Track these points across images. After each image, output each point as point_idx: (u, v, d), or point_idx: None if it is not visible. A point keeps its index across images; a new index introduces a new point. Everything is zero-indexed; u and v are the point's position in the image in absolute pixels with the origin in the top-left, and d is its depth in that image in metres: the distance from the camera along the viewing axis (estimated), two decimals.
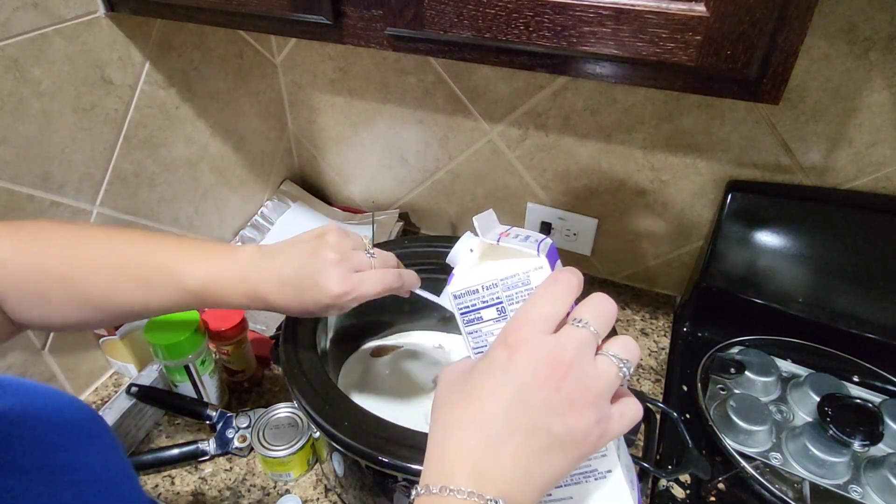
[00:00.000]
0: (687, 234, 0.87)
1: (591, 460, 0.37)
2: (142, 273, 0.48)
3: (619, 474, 0.37)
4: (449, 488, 0.31)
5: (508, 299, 0.38)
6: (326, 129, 1.03)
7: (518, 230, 0.40)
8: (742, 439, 0.65)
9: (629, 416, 0.34)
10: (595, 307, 0.34)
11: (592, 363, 0.32)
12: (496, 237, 0.39)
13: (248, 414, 0.72)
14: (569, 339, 0.32)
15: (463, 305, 0.39)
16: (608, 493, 0.38)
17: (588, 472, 0.38)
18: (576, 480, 0.38)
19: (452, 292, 0.39)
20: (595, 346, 0.33)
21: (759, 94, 0.42)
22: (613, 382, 0.33)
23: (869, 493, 0.60)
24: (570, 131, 0.84)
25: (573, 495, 0.38)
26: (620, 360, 0.33)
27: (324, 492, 0.68)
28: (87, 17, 0.66)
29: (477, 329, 0.39)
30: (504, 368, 0.33)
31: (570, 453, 0.32)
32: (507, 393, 0.32)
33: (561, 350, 0.32)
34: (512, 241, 0.38)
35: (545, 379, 0.31)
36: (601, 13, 0.41)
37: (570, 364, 0.32)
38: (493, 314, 0.38)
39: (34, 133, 0.64)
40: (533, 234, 0.40)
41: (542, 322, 0.33)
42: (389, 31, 0.51)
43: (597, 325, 0.33)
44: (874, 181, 0.71)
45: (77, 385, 0.77)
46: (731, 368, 0.73)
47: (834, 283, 0.73)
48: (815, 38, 0.64)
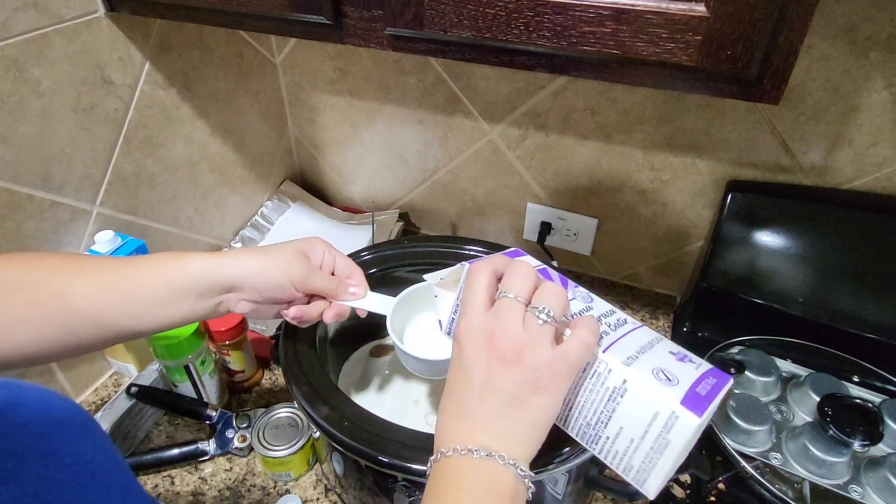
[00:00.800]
0: (687, 234, 0.87)
1: (605, 383, 0.39)
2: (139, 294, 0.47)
3: (635, 379, 0.38)
4: (441, 451, 0.39)
5: None
6: (326, 129, 1.03)
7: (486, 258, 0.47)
8: (742, 439, 0.65)
9: (577, 342, 0.38)
10: (511, 276, 0.40)
11: (519, 323, 0.38)
12: (440, 275, 0.49)
13: (248, 414, 0.72)
14: (495, 311, 0.39)
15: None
16: (640, 400, 0.38)
17: (612, 395, 0.39)
18: (611, 409, 0.40)
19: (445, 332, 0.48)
20: (521, 308, 0.39)
21: (759, 94, 0.42)
22: (539, 330, 0.38)
23: (869, 493, 0.60)
24: (570, 131, 0.84)
25: (621, 424, 0.39)
26: (538, 310, 0.38)
27: (324, 492, 0.68)
28: (87, 17, 0.66)
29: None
30: (458, 358, 0.40)
31: (529, 402, 0.38)
32: (463, 374, 0.40)
33: (491, 322, 0.39)
34: (447, 270, 0.48)
35: (483, 350, 0.39)
36: (601, 13, 0.41)
37: (499, 331, 0.38)
38: None
39: (34, 133, 0.64)
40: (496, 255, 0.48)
41: (470, 309, 0.40)
42: (389, 31, 0.51)
43: (517, 290, 0.39)
44: (874, 181, 0.71)
45: (77, 385, 0.77)
46: (731, 368, 0.73)
47: (834, 283, 0.73)
48: (815, 38, 0.64)
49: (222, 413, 0.72)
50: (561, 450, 0.48)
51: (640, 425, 0.38)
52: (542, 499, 0.54)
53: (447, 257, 0.70)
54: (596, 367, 0.40)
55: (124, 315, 0.47)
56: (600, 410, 0.40)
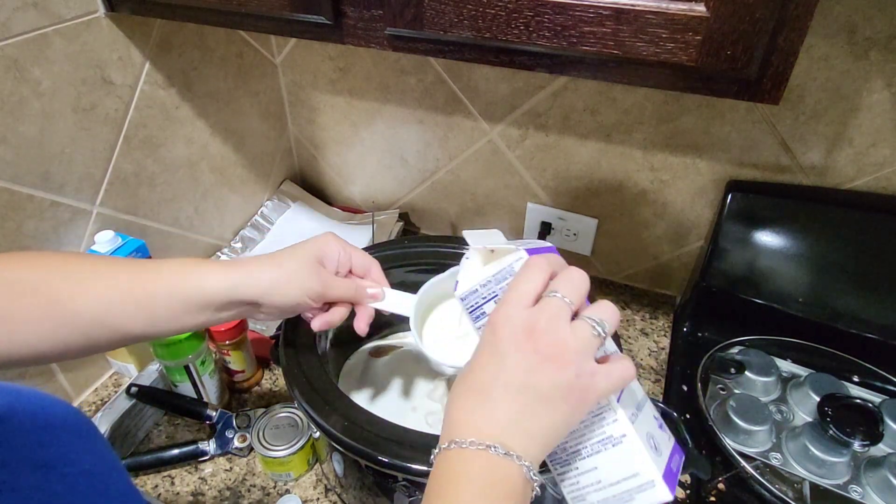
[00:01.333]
0: (687, 234, 0.87)
1: (604, 426, 0.40)
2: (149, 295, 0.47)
3: (633, 438, 0.39)
4: (454, 441, 0.37)
5: (501, 290, 0.43)
6: (326, 129, 1.03)
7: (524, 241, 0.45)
8: (742, 439, 0.65)
9: (616, 374, 0.37)
10: (566, 279, 0.39)
11: (567, 325, 0.37)
12: (488, 244, 0.45)
13: (248, 414, 0.72)
14: (542, 308, 0.37)
15: (469, 305, 0.45)
16: (627, 456, 0.39)
17: (604, 438, 0.40)
18: (596, 450, 0.40)
19: (458, 296, 0.45)
20: (568, 311, 0.37)
21: (759, 94, 0.42)
22: (589, 340, 0.37)
23: (869, 493, 0.60)
24: (570, 131, 0.84)
25: (597, 465, 0.41)
26: (594, 321, 0.37)
27: (324, 492, 0.68)
28: (87, 17, 0.66)
29: (484, 323, 0.43)
30: (491, 343, 0.38)
31: (558, 406, 0.36)
32: (495, 362, 0.38)
33: (535, 318, 0.37)
34: (501, 245, 0.44)
35: (523, 343, 0.37)
36: (601, 13, 0.41)
37: (545, 328, 0.36)
38: (493, 306, 0.44)
39: (34, 133, 0.64)
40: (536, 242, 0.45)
41: (517, 299, 0.38)
42: (389, 31, 0.51)
43: (568, 293, 0.38)
44: (874, 181, 0.71)
45: (77, 385, 0.77)
46: (731, 368, 0.73)
47: (834, 283, 0.73)
48: (815, 38, 0.64)
49: (222, 413, 0.72)
50: None
51: (616, 475, 0.40)
52: (542, 499, 0.54)
53: (447, 257, 0.70)
54: (604, 409, 0.40)
55: (138, 322, 0.47)
56: (585, 445, 0.41)
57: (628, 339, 0.87)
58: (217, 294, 0.48)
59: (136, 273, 0.48)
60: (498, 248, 0.44)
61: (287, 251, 0.53)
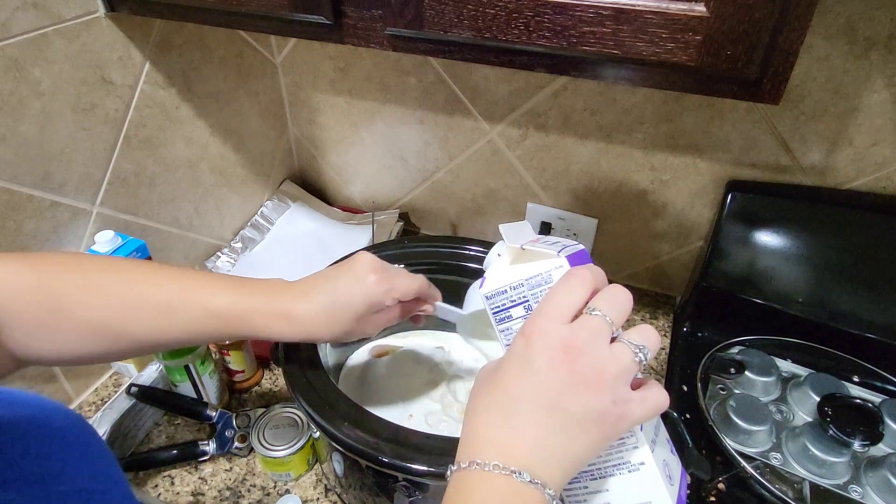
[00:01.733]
0: (687, 234, 0.87)
1: (622, 451, 0.38)
2: (163, 298, 0.47)
3: (652, 467, 0.38)
4: (476, 462, 0.34)
5: (534, 297, 0.41)
6: (326, 129, 1.03)
7: (550, 238, 0.44)
8: (742, 439, 0.65)
9: (651, 402, 0.35)
10: (610, 297, 0.36)
11: (607, 347, 0.34)
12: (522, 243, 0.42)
13: (248, 414, 0.72)
14: (582, 325, 0.35)
15: (494, 305, 0.43)
16: (643, 485, 0.38)
17: (621, 463, 0.39)
18: (610, 472, 0.39)
19: (484, 294, 0.43)
20: (609, 332, 0.35)
21: (759, 94, 0.42)
22: (629, 366, 0.34)
23: (869, 493, 0.60)
24: (570, 131, 0.84)
25: (609, 487, 0.39)
26: (636, 346, 0.35)
27: (324, 492, 0.68)
28: (87, 17, 0.66)
29: (508, 327, 0.42)
30: (522, 356, 0.35)
31: (589, 432, 0.34)
32: (526, 377, 0.35)
33: (573, 335, 0.34)
34: (538, 245, 0.41)
35: (559, 361, 0.34)
36: (601, 13, 0.41)
37: (583, 348, 0.34)
38: (521, 312, 0.41)
39: (34, 133, 0.64)
40: (564, 241, 0.43)
41: (556, 312, 0.35)
42: (389, 31, 0.51)
43: (610, 313, 0.35)
44: (874, 181, 0.71)
45: (77, 385, 0.77)
46: (731, 368, 0.73)
47: (834, 283, 0.73)
48: (815, 38, 0.64)
49: (222, 413, 0.72)
50: None
51: (628, 500, 0.39)
52: None
53: (447, 257, 0.70)
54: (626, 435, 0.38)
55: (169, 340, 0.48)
56: (600, 467, 0.39)
57: None
58: (261, 335, 0.49)
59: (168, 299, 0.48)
60: (533, 249, 0.41)
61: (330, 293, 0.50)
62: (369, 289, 0.49)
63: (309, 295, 0.49)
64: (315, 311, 0.49)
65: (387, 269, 0.52)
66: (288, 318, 0.48)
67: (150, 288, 0.47)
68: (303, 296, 0.49)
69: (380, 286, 0.50)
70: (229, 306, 0.48)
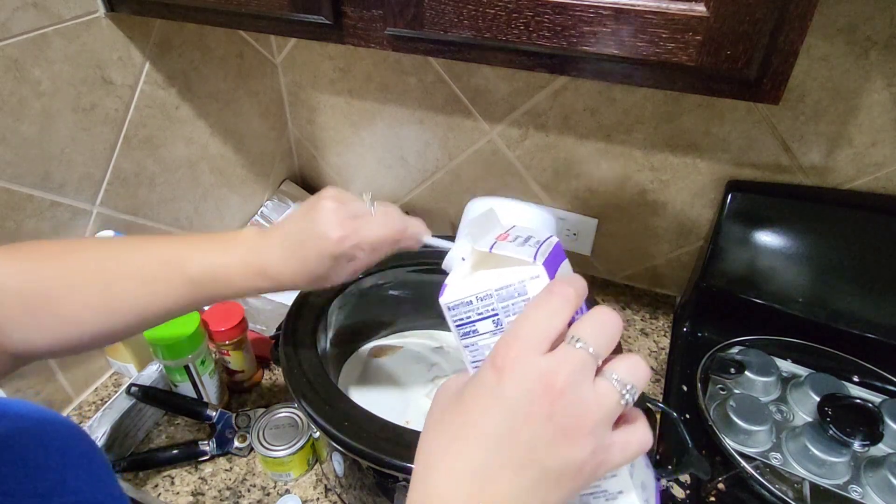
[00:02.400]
0: (687, 234, 0.87)
1: (600, 480, 0.34)
2: (143, 270, 0.47)
3: (631, 496, 0.34)
4: None
5: (504, 311, 0.35)
6: (326, 129, 1.03)
7: (520, 230, 0.38)
8: (742, 439, 0.65)
9: (634, 447, 0.31)
10: (596, 323, 0.31)
11: (591, 387, 0.29)
12: (490, 243, 0.36)
13: (248, 414, 0.72)
14: (563, 360, 0.29)
15: (457, 317, 0.36)
16: None
17: (598, 492, 0.35)
18: (585, 501, 0.35)
19: (446, 304, 0.36)
20: (594, 367, 0.30)
21: (759, 94, 0.42)
22: (613, 409, 0.30)
23: (869, 493, 0.60)
24: (570, 131, 0.84)
25: None
26: (623, 385, 0.30)
27: (324, 492, 0.68)
28: (87, 17, 0.66)
29: (473, 342, 0.37)
30: (493, 394, 0.30)
31: (564, 486, 0.30)
32: (496, 422, 0.30)
33: (553, 373, 0.29)
34: (508, 247, 0.35)
35: (536, 406, 0.29)
36: (601, 13, 0.41)
37: (563, 389, 0.29)
38: (490, 326, 0.36)
39: (34, 133, 0.64)
40: (535, 234, 0.38)
41: (534, 340, 0.30)
42: (389, 31, 0.51)
43: (596, 344, 0.30)
44: (874, 181, 0.71)
45: (77, 385, 0.77)
46: (731, 368, 0.73)
47: (834, 283, 0.73)
48: (815, 38, 0.64)
49: (222, 413, 0.72)
50: None
51: None
52: None
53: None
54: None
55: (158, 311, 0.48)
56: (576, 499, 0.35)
57: (628, 339, 0.87)
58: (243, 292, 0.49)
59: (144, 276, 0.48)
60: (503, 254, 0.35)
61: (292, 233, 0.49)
62: (334, 246, 0.47)
63: (280, 249, 0.48)
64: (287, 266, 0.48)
65: (354, 219, 0.48)
66: (263, 273, 0.48)
67: (129, 260, 0.47)
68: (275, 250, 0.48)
69: (345, 242, 0.47)
70: (208, 270, 0.47)
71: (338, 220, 0.47)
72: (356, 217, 0.48)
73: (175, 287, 0.47)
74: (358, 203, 0.50)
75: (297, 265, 0.48)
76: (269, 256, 0.48)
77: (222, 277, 0.48)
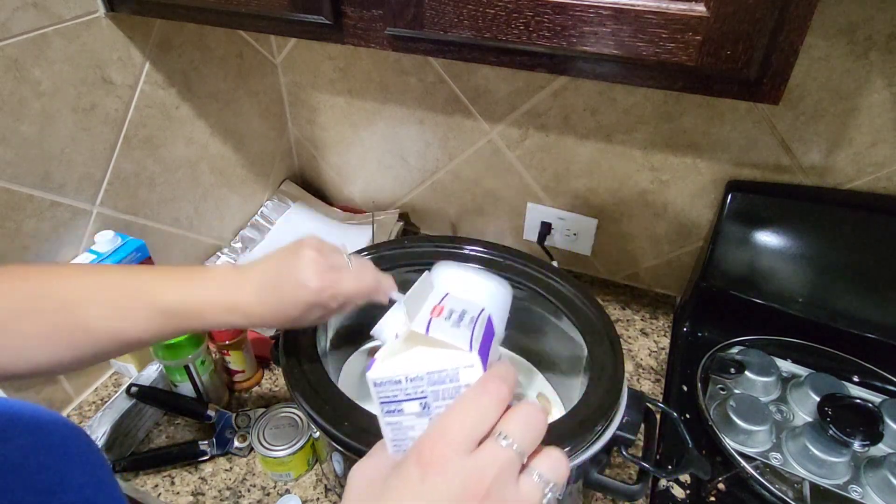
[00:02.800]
0: (687, 234, 0.87)
1: None
2: (114, 298, 0.47)
3: None
4: None
5: (434, 395, 0.34)
6: (326, 129, 1.03)
7: (455, 302, 0.38)
8: (742, 439, 0.65)
9: None
10: (523, 421, 0.30)
11: (515, 487, 0.29)
12: (426, 320, 0.35)
13: (248, 414, 0.72)
14: (490, 461, 0.29)
15: (384, 394, 0.35)
16: None
17: None
18: None
19: (373, 379, 0.34)
20: (519, 465, 0.30)
21: (759, 94, 0.42)
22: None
23: (869, 493, 0.60)
24: (570, 131, 0.84)
25: None
26: (546, 483, 0.30)
27: (324, 492, 0.68)
28: (87, 17, 0.66)
29: (398, 421, 0.35)
30: (417, 492, 0.29)
31: None
32: None
33: (480, 475, 0.29)
34: (444, 329, 0.35)
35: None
36: (601, 13, 0.41)
37: (489, 491, 0.28)
38: (416, 408, 0.34)
39: (34, 133, 0.64)
40: (470, 308, 0.38)
41: (462, 439, 0.29)
42: (389, 31, 0.51)
43: (522, 441, 0.30)
44: (874, 181, 0.71)
45: (77, 385, 0.77)
46: (731, 368, 0.73)
47: (834, 283, 0.73)
48: (815, 38, 0.64)
49: (222, 413, 0.72)
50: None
51: None
52: None
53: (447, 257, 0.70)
54: None
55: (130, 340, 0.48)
56: None
57: (628, 339, 0.87)
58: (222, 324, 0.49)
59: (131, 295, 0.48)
60: (439, 338, 0.34)
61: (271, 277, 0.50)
62: (312, 295, 0.48)
63: (256, 289, 0.49)
64: (262, 306, 0.49)
65: (332, 271, 0.49)
66: (236, 310, 0.49)
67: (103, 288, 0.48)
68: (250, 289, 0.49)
69: (323, 293, 0.49)
70: (180, 303, 0.48)
71: (318, 270, 0.49)
72: (335, 269, 0.50)
73: (146, 318, 0.48)
74: (337, 256, 0.52)
75: (271, 306, 0.49)
76: (244, 294, 0.49)
77: (194, 311, 0.48)
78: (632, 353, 0.84)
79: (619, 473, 0.68)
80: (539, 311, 0.68)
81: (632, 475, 0.67)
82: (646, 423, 0.58)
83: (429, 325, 0.35)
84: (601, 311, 0.63)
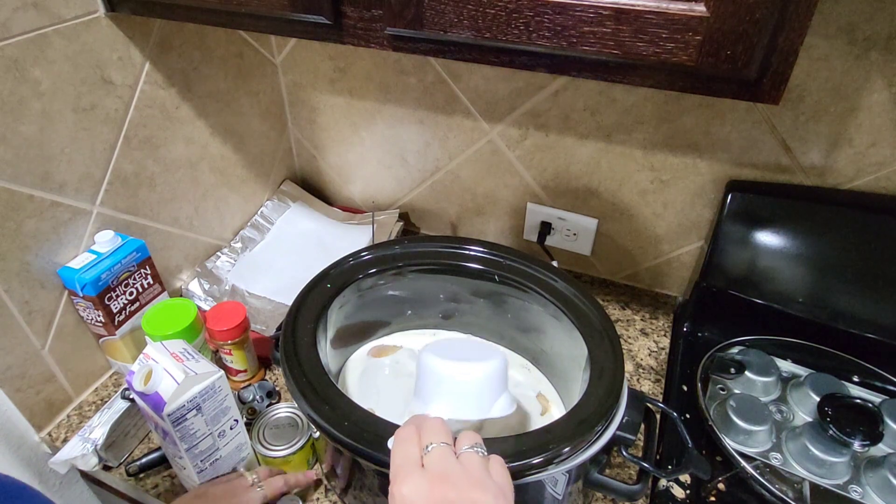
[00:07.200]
0: (687, 234, 0.87)
1: None
2: None
3: None
4: None
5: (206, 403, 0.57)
6: (326, 129, 1.03)
7: None
8: (742, 439, 0.65)
9: (502, 461, 0.43)
10: (431, 430, 0.43)
11: (459, 464, 0.41)
12: None
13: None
14: (435, 461, 0.41)
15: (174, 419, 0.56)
16: None
17: None
18: None
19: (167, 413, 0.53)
20: (451, 450, 0.42)
21: (758, 95, 0.42)
22: (481, 462, 0.41)
23: (869, 493, 0.60)
24: (570, 131, 0.84)
25: None
26: (472, 447, 0.42)
27: (324, 492, 0.68)
28: (87, 17, 0.66)
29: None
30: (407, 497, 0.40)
31: None
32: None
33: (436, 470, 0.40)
34: None
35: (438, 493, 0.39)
36: (601, 13, 0.41)
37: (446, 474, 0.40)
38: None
39: (34, 133, 0.64)
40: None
41: (412, 469, 0.41)
42: (389, 31, 0.51)
43: (439, 440, 0.42)
44: (874, 181, 0.71)
45: (77, 385, 0.77)
46: (731, 368, 0.73)
47: (834, 283, 0.73)
48: (815, 38, 0.64)
49: None
50: (561, 450, 0.48)
51: None
52: (542, 499, 0.54)
53: (447, 257, 0.70)
54: None
55: None
56: None
57: (628, 339, 0.87)
58: None
59: None
60: None
61: None
62: None
63: None
64: None
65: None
66: None
67: None
68: None
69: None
70: None
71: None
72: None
73: None
74: (240, 479, 0.61)
75: None
76: None
77: None
78: (632, 353, 0.84)
79: (619, 473, 0.68)
80: (539, 310, 0.68)
81: (632, 475, 0.67)
82: (646, 423, 0.58)
83: None
84: (601, 311, 0.63)
